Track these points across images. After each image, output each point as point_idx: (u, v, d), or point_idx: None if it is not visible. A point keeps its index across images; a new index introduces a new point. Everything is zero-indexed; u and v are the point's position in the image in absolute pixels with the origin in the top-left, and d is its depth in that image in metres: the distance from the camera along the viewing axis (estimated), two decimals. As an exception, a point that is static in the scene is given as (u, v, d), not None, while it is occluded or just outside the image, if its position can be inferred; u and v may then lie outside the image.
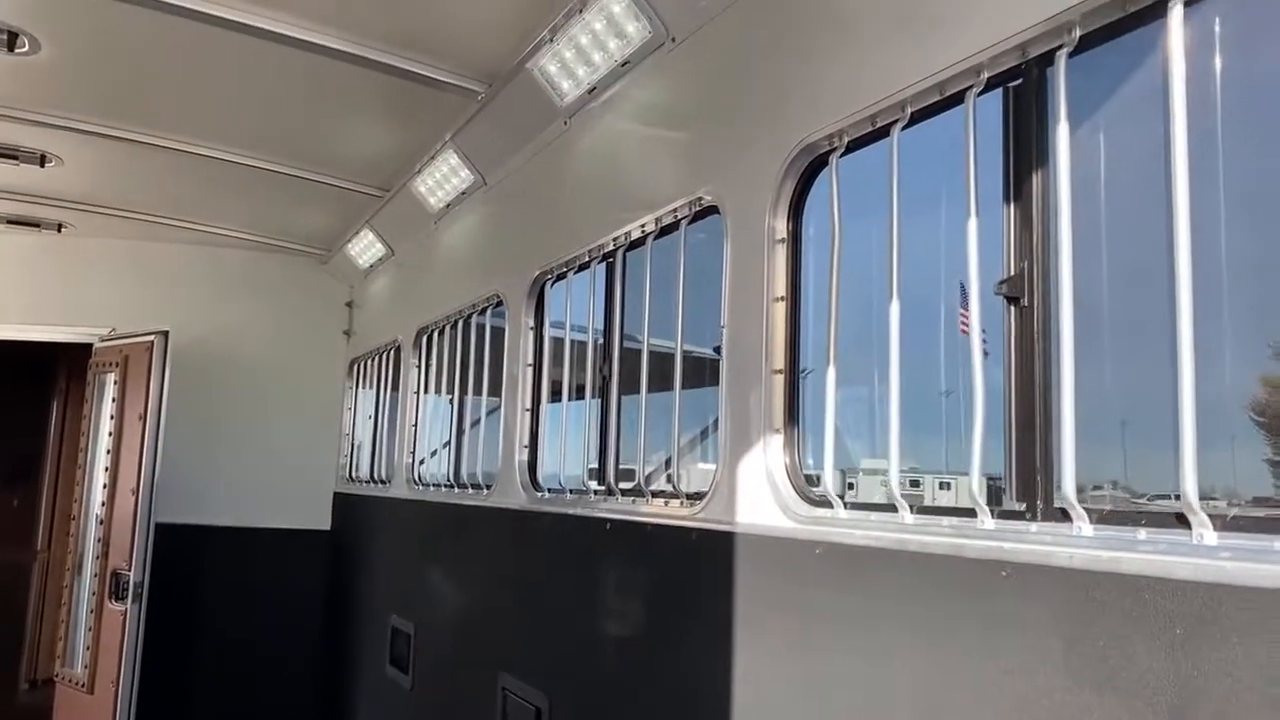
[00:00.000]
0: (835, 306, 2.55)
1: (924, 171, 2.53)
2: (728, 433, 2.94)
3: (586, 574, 3.84)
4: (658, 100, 3.67)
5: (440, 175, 5.40)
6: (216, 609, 7.59)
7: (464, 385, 5.46)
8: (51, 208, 6.81)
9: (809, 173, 2.72)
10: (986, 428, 2.12)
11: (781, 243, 2.76)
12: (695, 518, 3.05)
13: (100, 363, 7.38)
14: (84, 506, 7.44)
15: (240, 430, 7.67)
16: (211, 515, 7.54)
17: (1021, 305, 2.06)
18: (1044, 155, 2.05)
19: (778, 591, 2.68)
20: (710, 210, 3.22)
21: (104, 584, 6.75)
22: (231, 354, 7.67)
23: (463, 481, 5.31)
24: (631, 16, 3.47)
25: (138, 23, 4.03)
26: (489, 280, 5.08)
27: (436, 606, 5.42)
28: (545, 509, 4.23)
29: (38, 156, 5.69)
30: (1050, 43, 2.01)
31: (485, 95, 4.47)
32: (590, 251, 4.02)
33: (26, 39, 4.20)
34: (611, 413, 3.88)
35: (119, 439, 6.96)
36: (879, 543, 2.30)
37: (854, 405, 2.94)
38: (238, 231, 7.38)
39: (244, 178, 5.92)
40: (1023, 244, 2.09)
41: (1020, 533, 1.98)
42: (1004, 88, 2.16)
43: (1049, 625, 1.86)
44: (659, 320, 3.61)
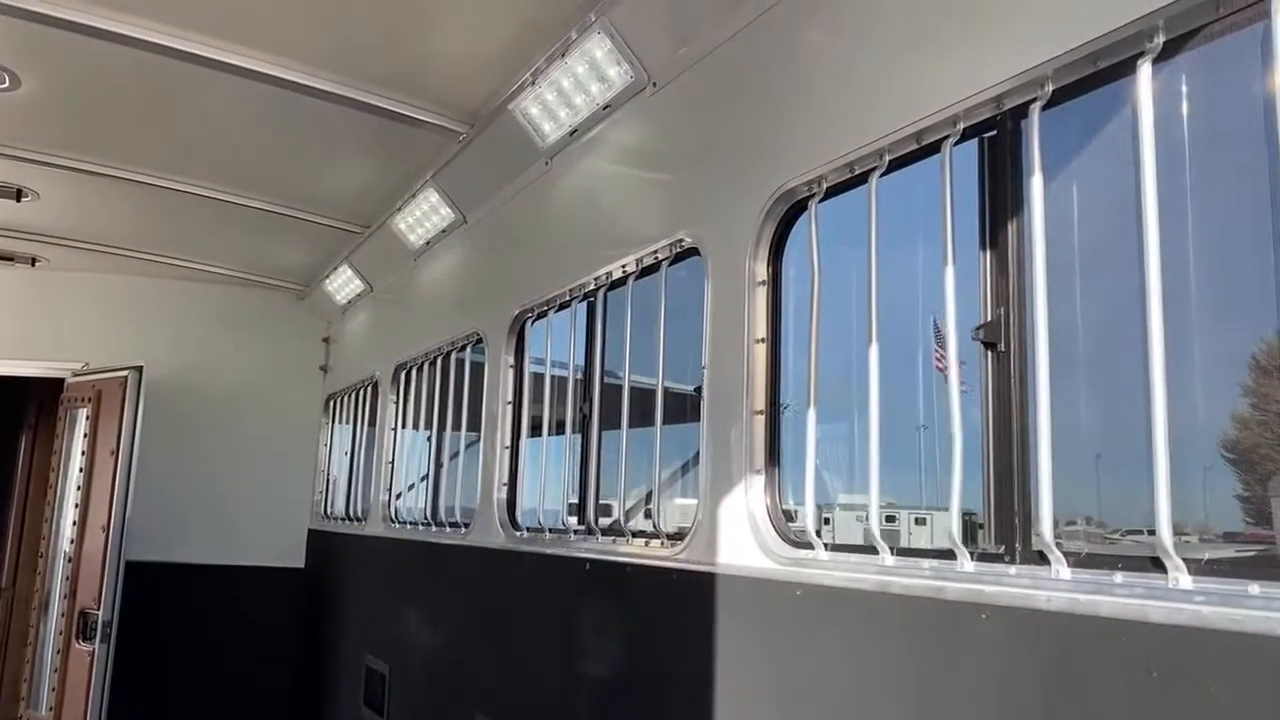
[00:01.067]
0: (815, 349, 2.59)
1: (901, 215, 2.58)
2: (708, 473, 2.95)
3: (566, 614, 3.82)
4: (639, 143, 3.72)
5: (420, 213, 5.43)
6: (187, 649, 7.45)
7: (443, 422, 5.45)
8: (26, 241, 6.76)
9: (788, 216, 2.77)
10: (964, 467, 2.15)
11: (762, 285, 2.80)
12: (676, 558, 3.05)
13: (73, 398, 7.30)
14: (52, 544, 7.31)
15: (214, 467, 7.59)
16: (183, 553, 7.43)
17: (998, 350, 2.09)
18: (1019, 204, 2.10)
19: (759, 633, 2.68)
20: (691, 251, 3.26)
21: (71, 623, 6.63)
22: (206, 389, 7.61)
23: (440, 520, 5.28)
24: (613, 61, 3.52)
25: (117, 59, 4.04)
26: (469, 318, 5.09)
27: (413, 646, 5.36)
28: (524, 548, 4.22)
29: (13, 191, 5.66)
30: (1024, 96, 2.07)
31: (467, 135, 4.51)
32: (571, 290, 4.05)
33: (6, 75, 4.20)
34: (592, 450, 3.88)
35: (90, 475, 6.87)
36: (859, 584, 2.32)
37: (830, 441, 2.96)
38: (214, 266, 7.35)
39: (222, 213, 5.92)
40: (999, 290, 2.13)
41: (999, 575, 2.00)
42: (980, 138, 2.22)
43: (1029, 667, 1.88)
44: (638, 358, 3.63)
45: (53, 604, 7.12)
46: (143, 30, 3.80)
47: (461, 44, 3.93)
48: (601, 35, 3.45)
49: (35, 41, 3.95)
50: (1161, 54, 1.82)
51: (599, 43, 3.49)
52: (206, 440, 7.58)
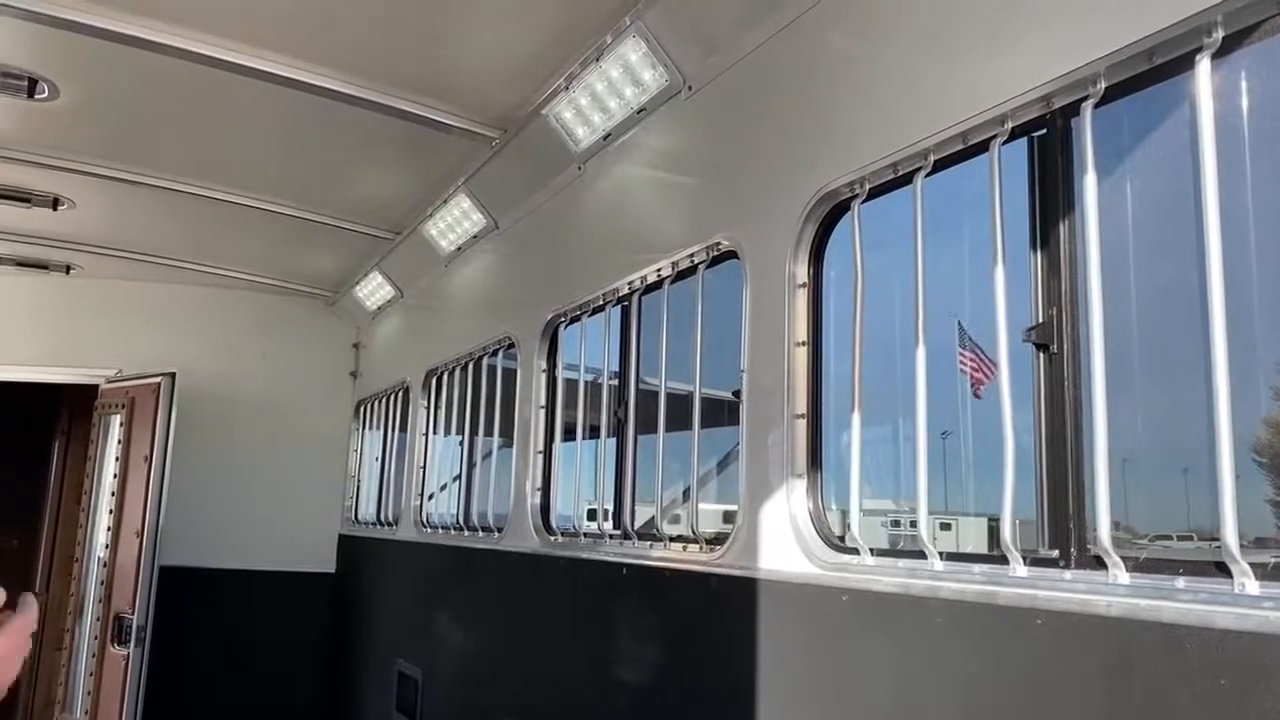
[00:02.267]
0: (859, 352, 2.56)
1: (939, 216, 2.55)
2: (748, 477, 2.93)
3: (601, 619, 3.81)
4: (674, 146, 3.71)
5: (452, 219, 5.44)
6: (219, 653, 7.50)
7: (474, 427, 5.45)
8: (61, 250, 6.84)
9: (829, 218, 2.75)
10: (1015, 471, 2.12)
11: (803, 287, 2.78)
12: (715, 563, 3.03)
13: (106, 404, 7.37)
14: (87, 549, 7.38)
15: (245, 472, 7.64)
16: (215, 558, 7.48)
17: (1051, 352, 2.06)
18: (1070, 203, 2.07)
19: (802, 639, 2.66)
20: (728, 255, 3.24)
21: (106, 628, 6.68)
22: (238, 395, 7.66)
23: (473, 524, 5.28)
24: (649, 65, 3.51)
25: (153, 68, 4.08)
26: (500, 322, 5.10)
27: (446, 651, 5.37)
28: (559, 553, 4.21)
29: (50, 199, 5.73)
30: (1076, 94, 2.04)
31: (499, 141, 4.51)
32: (605, 295, 4.04)
33: (46, 85, 4.25)
34: (627, 455, 3.87)
35: (124, 481, 6.93)
36: (908, 589, 2.29)
37: (866, 448, 2.93)
38: (246, 273, 7.41)
39: (253, 220, 5.96)
40: (1050, 291, 2.10)
41: (1054, 580, 1.97)
42: (1029, 137, 2.19)
43: (1088, 675, 1.84)
44: (672, 362, 3.62)
45: (87, 608, 7.19)
46: (178, 38, 3.83)
47: (495, 49, 3.94)
48: (637, 39, 3.44)
49: (74, 51, 3.99)
50: (1220, 49, 1.78)
51: (634, 46, 3.48)
52: (238, 446, 7.63)
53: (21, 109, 4.44)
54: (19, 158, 5.06)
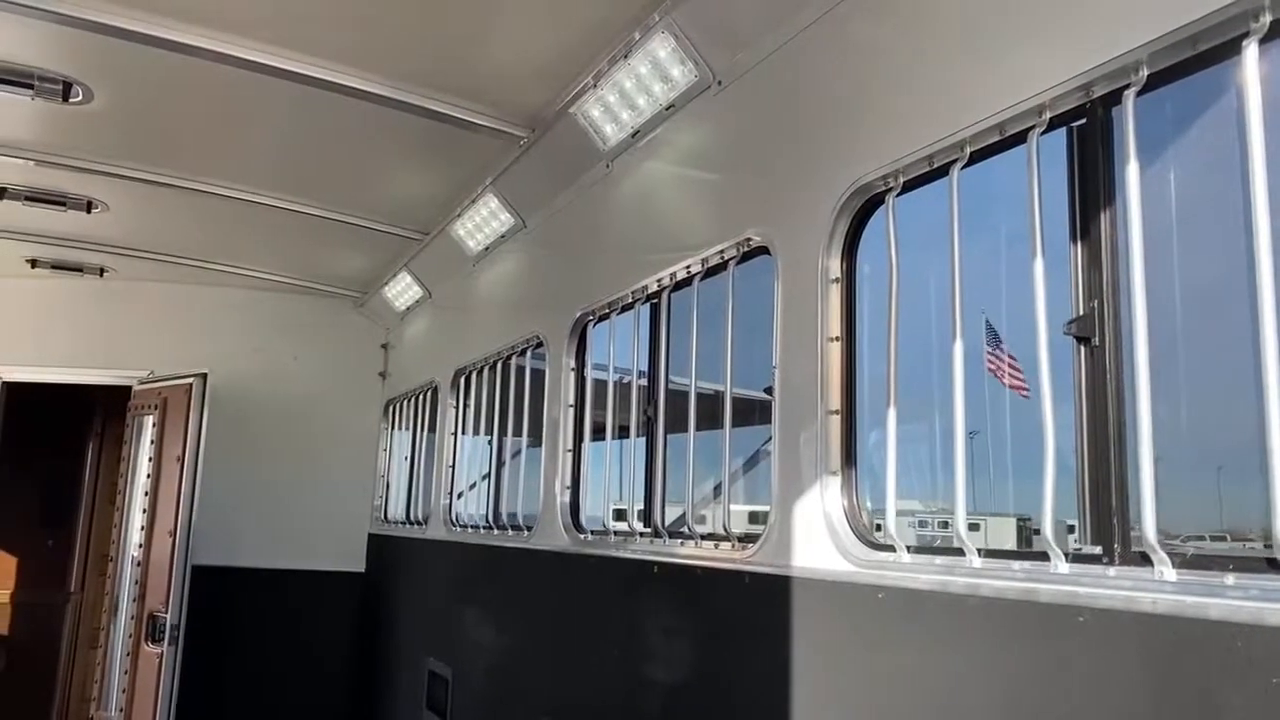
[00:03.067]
0: (894, 348, 2.53)
1: (976, 209, 2.52)
2: (781, 474, 2.91)
3: (632, 618, 3.79)
4: (703, 142, 3.69)
5: (480, 218, 5.45)
6: (251, 651, 7.57)
7: (503, 426, 5.46)
8: (95, 252, 6.92)
9: (863, 212, 2.72)
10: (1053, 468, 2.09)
11: (836, 282, 2.75)
12: (748, 561, 3.01)
13: (139, 405, 7.45)
14: (121, 549, 7.47)
15: (276, 472, 7.70)
16: (246, 557, 7.55)
17: (1092, 345, 2.03)
18: (1111, 194, 2.04)
19: (838, 637, 2.63)
20: (758, 251, 3.22)
21: (140, 626, 6.75)
22: (268, 396, 7.72)
23: (502, 523, 5.29)
24: (677, 61, 3.50)
25: (184, 70, 4.10)
26: (529, 322, 5.10)
27: (476, 649, 5.38)
28: (589, 551, 4.20)
29: (84, 203, 5.79)
30: (1116, 82, 2.00)
31: (527, 140, 4.51)
32: (634, 292, 4.03)
33: (80, 88, 4.29)
34: (657, 454, 3.85)
35: (157, 481, 7.00)
36: (946, 587, 2.26)
37: (883, 447, 2.90)
38: (275, 274, 7.46)
39: (284, 222, 6.00)
40: (1091, 283, 2.07)
41: (1098, 577, 1.94)
42: (1068, 127, 2.15)
43: (1132, 673, 1.81)
44: (702, 359, 3.60)
45: (122, 608, 7.27)
46: (209, 40, 3.86)
47: (523, 48, 3.94)
48: (665, 35, 3.43)
49: (108, 55, 4.03)
50: (1268, 34, 1.74)
51: (663, 42, 3.47)
52: (268, 446, 7.69)
53: (57, 113, 4.49)
54: (54, 161, 5.12)
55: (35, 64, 4.11)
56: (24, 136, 4.93)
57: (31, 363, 7.69)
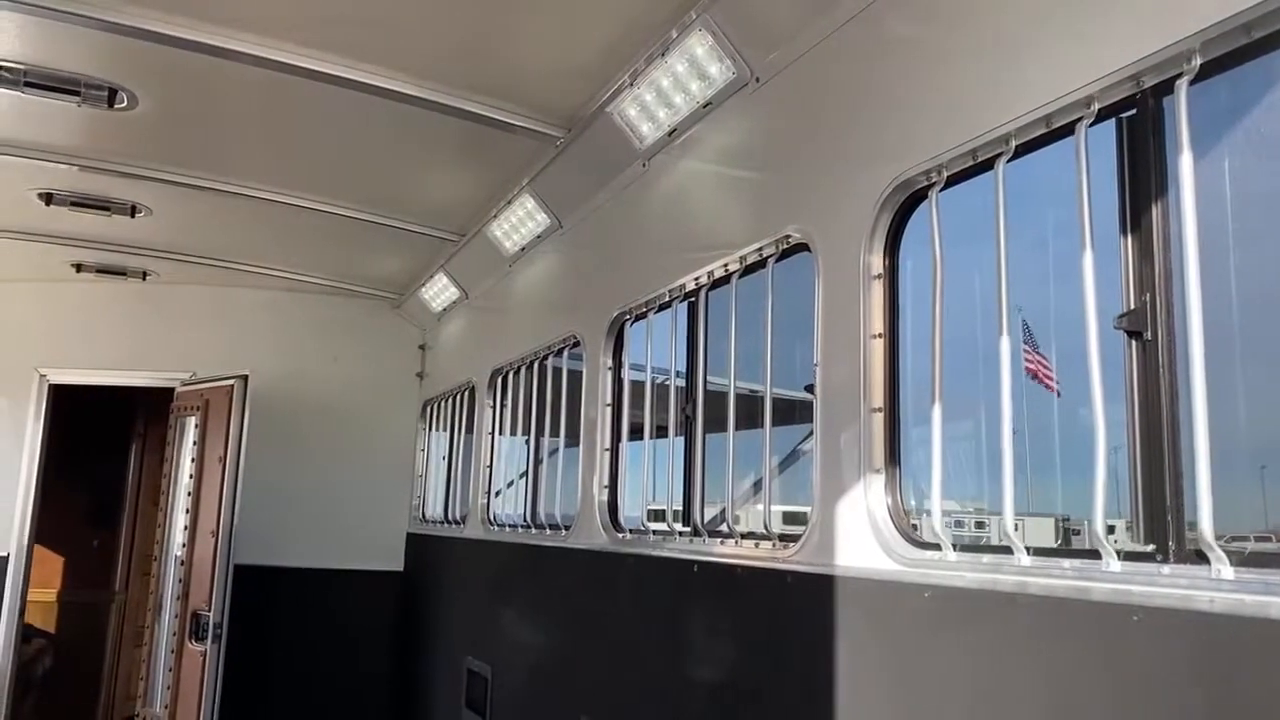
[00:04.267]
0: (939, 344, 2.51)
1: (1019, 201, 2.48)
2: (822, 473, 2.89)
3: (672, 617, 3.79)
4: (740, 139, 3.68)
5: (516, 219, 5.47)
6: (291, 649, 7.65)
7: (540, 426, 5.48)
8: (138, 256, 7.03)
9: (905, 207, 2.69)
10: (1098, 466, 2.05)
11: (878, 278, 2.73)
12: (790, 560, 3.00)
13: (182, 406, 7.56)
14: (164, 548, 7.58)
15: (315, 472, 7.78)
16: (287, 557, 7.63)
17: (1144, 339, 1.99)
18: (1163, 185, 2.00)
19: (883, 636, 2.61)
20: (798, 248, 3.21)
21: (184, 625, 6.85)
22: (307, 396, 7.80)
23: (540, 522, 5.30)
24: (715, 58, 3.49)
25: (225, 75, 4.16)
26: (566, 321, 5.11)
27: (515, 648, 5.40)
28: (627, 550, 4.20)
29: (129, 207, 5.89)
30: (1168, 71, 1.97)
31: (564, 140, 4.52)
32: (671, 291, 4.02)
33: (125, 94, 4.36)
34: (696, 453, 3.85)
35: (199, 481, 7.10)
36: (995, 585, 2.23)
37: (926, 445, 2.87)
38: (314, 277, 7.55)
39: (322, 224, 6.06)
40: (1142, 276, 2.03)
41: (1151, 575, 1.90)
42: (1117, 118, 2.12)
43: (1188, 673, 1.78)
44: (741, 357, 3.59)
45: (166, 606, 7.38)
46: (249, 45, 3.90)
47: (559, 49, 3.95)
48: (703, 32, 3.42)
49: (153, 61, 4.10)
50: (1327, 20, 1.71)
51: (700, 40, 3.46)
52: (308, 446, 7.77)
53: (102, 119, 4.57)
54: (100, 167, 5.22)
55: (82, 71, 4.19)
56: (70, 142, 5.03)
57: (77, 365, 7.84)
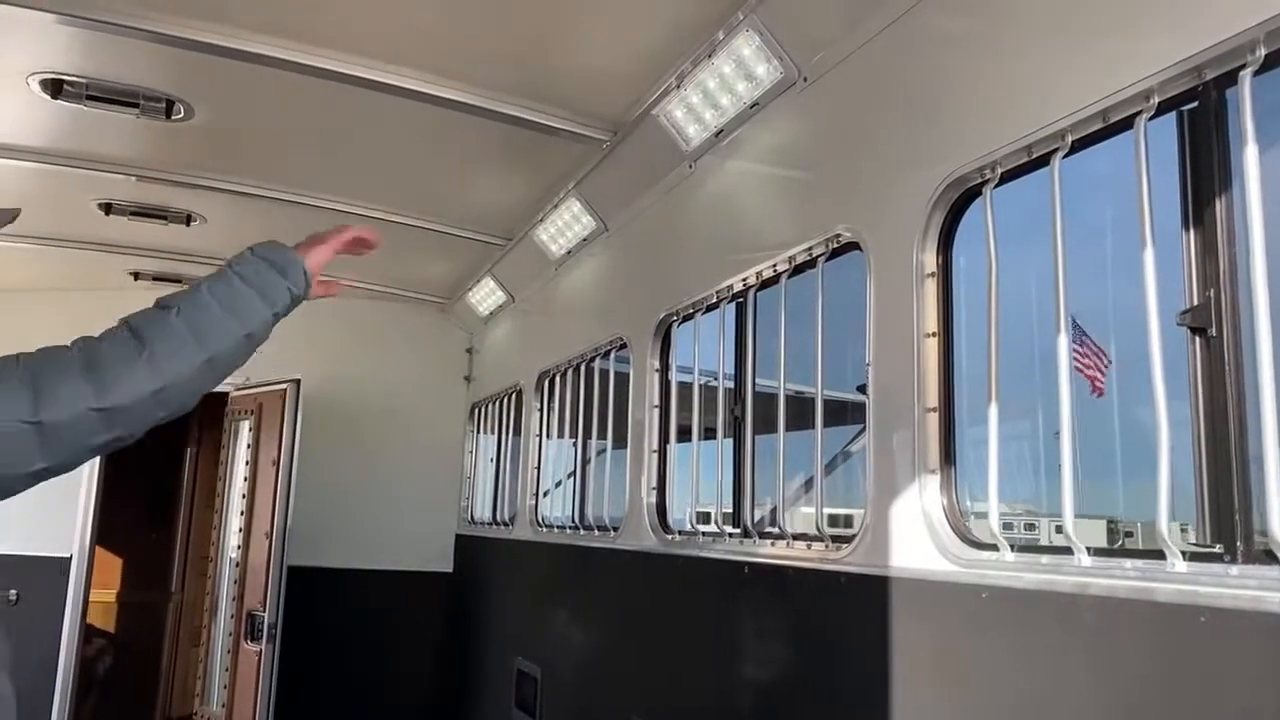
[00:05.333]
0: (995, 343, 2.48)
1: (1075, 196, 2.45)
2: (876, 473, 2.87)
3: (723, 618, 3.78)
4: (788, 139, 3.67)
5: (562, 223, 5.50)
6: (343, 650, 7.75)
7: (587, 428, 5.50)
8: (193, 263, 7.15)
9: (959, 204, 2.67)
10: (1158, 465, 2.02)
11: (931, 277, 2.71)
12: (843, 561, 2.98)
13: (236, 410, 7.71)
14: (220, 550, 7.73)
15: (365, 474, 7.87)
16: (338, 558, 7.74)
17: (1209, 336, 1.96)
18: (1228, 179, 1.97)
19: (939, 638, 2.59)
20: (848, 247, 3.19)
21: (240, 625, 6.98)
22: (357, 400, 7.90)
23: (588, 523, 5.32)
24: (762, 59, 3.48)
25: (277, 85, 4.23)
26: (612, 324, 5.13)
27: (564, 649, 5.43)
28: (677, 551, 4.21)
29: (184, 216, 6.01)
30: (1231, 63, 1.93)
31: (609, 143, 4.54)
32: (719, 292, 4.02)
33: (182, 106, 4.46)
34: (745, 454, 3.84)
35: (253, 484, 7.24)
36: (1054, 586, 2.20)
37: (977, 445, 2.85)
38: (363, 282, 7.63)
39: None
40: (1206, 272, 2.00)
41: (1219, 576, 1.87)
42: (1177, 111, 2.08)
43: (1261, 675, 1.74)
44: (790, 358, 3.58)
45: (221, 607, 7.53)
46: (301, 55, 3.96)
47: (605, 53, 3.97)
48: (750, 33, 3.42)
49: (208, 72, 4.18)
50: (1398, 7, 1.67)
51: (747, 40, 3.46)
52: (358, 448, 7.87)
53: (160, 130, 4.67)
54: (157, 177, 5.33)
55: (140, 84, 4.29)
56: (129, 154, 5.15)
57: (135, 371, 8.00)
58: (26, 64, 4.08)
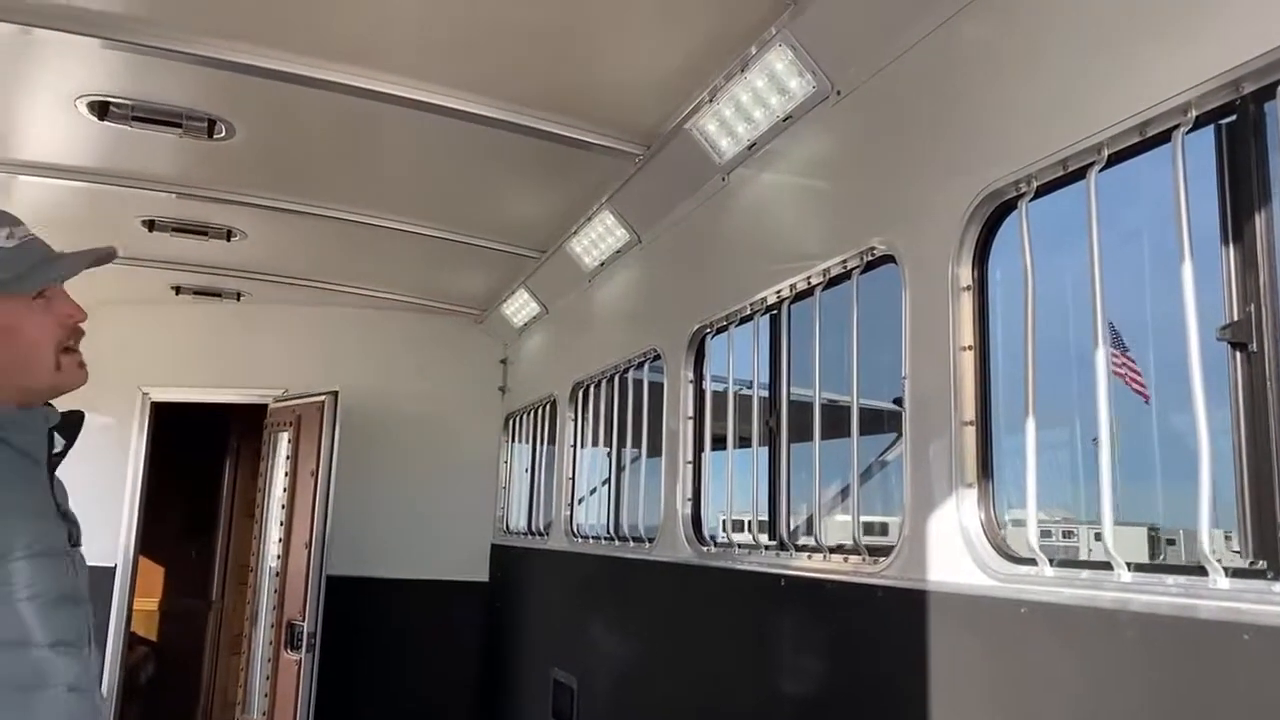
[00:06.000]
0: (1032, 356, 2.48)
1: (1112, 209, 2.44)
2: (913, 486, 2.87)
3: (758, 631, 3.79)
4: (822, 153, 3.68)
5: (596, 235, 5.54)
6: (380, 658, 7.83)
7: (621, 438, 5.53)
8: (233, 278, 7.30)
9: (994, 217, 2.67)
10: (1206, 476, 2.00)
11: (967, 290, 2.71)
12: (880, 575, 2.98)
13: (275, 422, 7.82)
14: (260, 560, 7.84)
15: (401, 484, 7.95)
16: (373, 567, 7.82)
17: (1249, 350, 1.95)
18: (1267, 193, 1.96)
19: (978, 652, 2.58)
20: (883, 260, 3.19)
21: (280, 634, 7.07)
22: (393, 411, 7.99)
23: (623, 534, 5.35)
24: (795, 73, 3.50)
25: (316, 103, 4.31)
26: (646, 335, 5.15)
27: (600, 660, 5.45)
28: (712, 563, 4.22)
29: (225, 231, 6.13)
30: (1270, 77, 1.92)
31: (643, 156, 4.57)
32: (752, 304, 4.03)
33: (224, 125, 4.55)
34: (780, 465, 3.85)
35: (293, 495, 7.33)
36: (1094, 602, 2.19)
37: (1009, 457, 2.83)
38: (400, 295, 7.74)
39: (408, 244, 6.22)
40: (1246, 286, 1.99)
41: (1262, 593, 1.85)
42: (1215, 125, 2.08)
43: (1306, 694, 1.73)
44: (824, 369, 3.58)
45: (261, 616, 7.63)
46: (339, 74, 4.02)
47: (638, 68, 4.00)
48: (783, 47, 3.43)
49: (249, 92, 4.27)
50: None
51: (780, 55, 3.47)
52: (395, 459, 7.96)
53: (202, 149, 4.77)
54: (200, 195, 5.44)
55: (184, 104, 4.38)
56: (171, 172, 5.26)
57: (176, 383, 8.18)
58: (75, 87, 4.19)
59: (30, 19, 3.62)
